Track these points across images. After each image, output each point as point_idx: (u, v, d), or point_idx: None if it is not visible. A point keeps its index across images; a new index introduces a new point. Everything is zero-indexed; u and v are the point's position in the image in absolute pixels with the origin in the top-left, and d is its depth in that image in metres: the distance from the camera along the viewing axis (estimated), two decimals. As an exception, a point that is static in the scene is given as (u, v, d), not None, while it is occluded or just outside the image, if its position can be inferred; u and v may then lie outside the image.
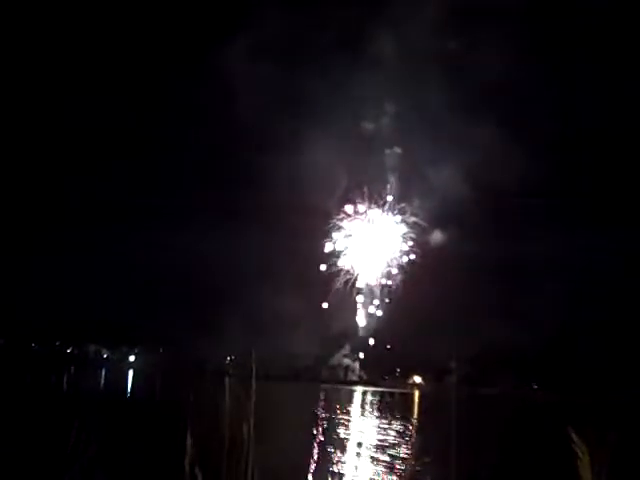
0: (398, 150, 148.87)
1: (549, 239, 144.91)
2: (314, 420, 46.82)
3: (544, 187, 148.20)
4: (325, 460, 27.12)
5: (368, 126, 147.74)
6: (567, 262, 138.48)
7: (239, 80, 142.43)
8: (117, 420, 34.36)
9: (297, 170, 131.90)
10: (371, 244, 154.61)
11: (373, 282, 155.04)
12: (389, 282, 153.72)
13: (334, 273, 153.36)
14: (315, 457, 27.56)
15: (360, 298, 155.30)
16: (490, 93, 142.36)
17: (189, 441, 6.04)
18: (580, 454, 3.88)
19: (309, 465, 25.03)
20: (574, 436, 3.92)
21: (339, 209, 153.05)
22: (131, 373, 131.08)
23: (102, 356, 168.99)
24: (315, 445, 31.57)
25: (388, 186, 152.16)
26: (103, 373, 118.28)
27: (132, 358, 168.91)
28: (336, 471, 24.87)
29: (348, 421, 51.11)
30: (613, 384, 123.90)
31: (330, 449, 30.73)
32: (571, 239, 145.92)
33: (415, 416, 68.41)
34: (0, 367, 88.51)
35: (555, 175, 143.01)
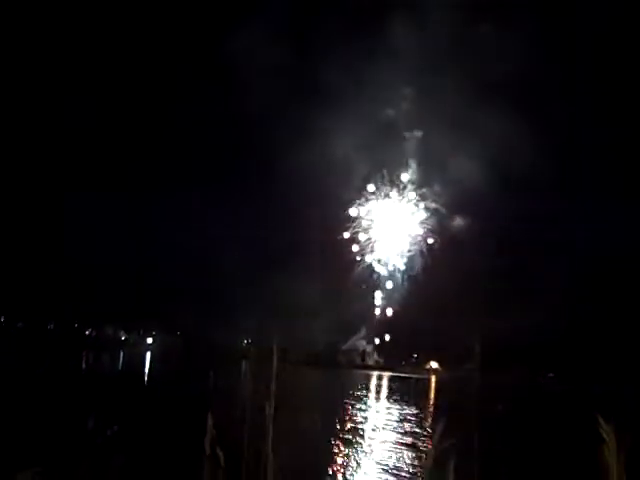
0: (418, 134, 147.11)
1: (571, 226, 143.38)
2: (331, 404, 47.00)
3: (567, 177, 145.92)
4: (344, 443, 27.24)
5: (388, 111, 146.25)
6: (589, 249, 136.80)
7: (254, 66, 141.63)
8: (136, 401, 34.68)
9: (315, 157, 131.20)
10: (390, 229, 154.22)
11: (392, 267, 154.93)
12: (408, 267, 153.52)
13: (352, 258, 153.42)
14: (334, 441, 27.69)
15: (378, 283, 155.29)
16: (515, 79, 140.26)
17: (210, 422, 6.06)
18: (606, 438, 3.85)
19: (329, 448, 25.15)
20: (601, 420, 3.88)
21: (358, 195, 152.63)
22: (149, 355, 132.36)
23: (120, 338, 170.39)
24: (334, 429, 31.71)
25: (410, 171, 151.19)
26: (121, 355, 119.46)
27: (149, 340, 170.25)
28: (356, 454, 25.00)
29: (366, 404, 51.26)
30: (631, 373, 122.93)
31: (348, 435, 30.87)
32: (593, 227, 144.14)
33: (432, 400, 68.55)
34: (19, 349, 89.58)
35: (579, 163, 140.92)
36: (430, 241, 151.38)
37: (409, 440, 30.60)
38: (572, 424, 36.05)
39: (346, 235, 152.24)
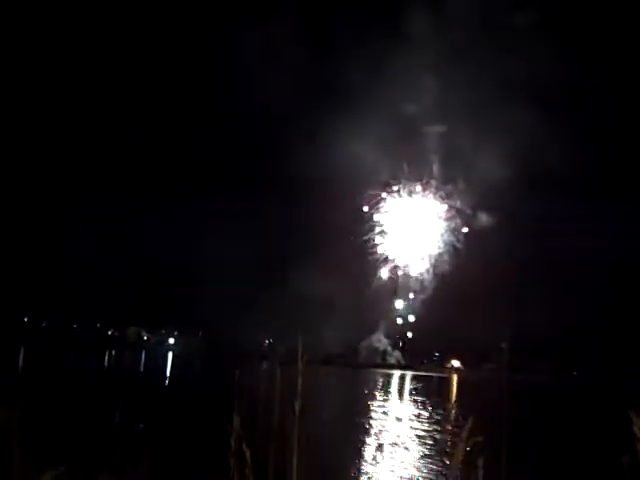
0: (442, 129, 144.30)
1: (594, 224, 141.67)
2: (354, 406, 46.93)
3: (593, 173, 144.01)
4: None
5: (410, 107, 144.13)
6: (612, 248, 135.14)
7: (274, 61, 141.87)
8: (161, 400, 34.85)
9: (337, 153, 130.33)
10: (413, 227, 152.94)
11: (413, 266, 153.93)
12: (430, 266, 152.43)
13: (373, 257, 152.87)
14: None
15: (399, 282, 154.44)
16: (539, 75, 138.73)
17: (236, 420, 6.05)
18: (639, 435, 3.80)
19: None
20: (633, 417, 3.83)
21: (381, 192, 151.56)
22: (170, 355, 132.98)
23: (142, 338, 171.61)
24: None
25: (434, 167, 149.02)
26: (143, 355, 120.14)
27: (171, 341, 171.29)
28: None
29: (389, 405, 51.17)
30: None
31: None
32: (617, 227, 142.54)
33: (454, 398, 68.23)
34: (44, 348, 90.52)
35: (606, 161, 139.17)
36: (455, 239, 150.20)
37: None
38: (604, 421, 35.64)
39: (368, 235, 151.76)
